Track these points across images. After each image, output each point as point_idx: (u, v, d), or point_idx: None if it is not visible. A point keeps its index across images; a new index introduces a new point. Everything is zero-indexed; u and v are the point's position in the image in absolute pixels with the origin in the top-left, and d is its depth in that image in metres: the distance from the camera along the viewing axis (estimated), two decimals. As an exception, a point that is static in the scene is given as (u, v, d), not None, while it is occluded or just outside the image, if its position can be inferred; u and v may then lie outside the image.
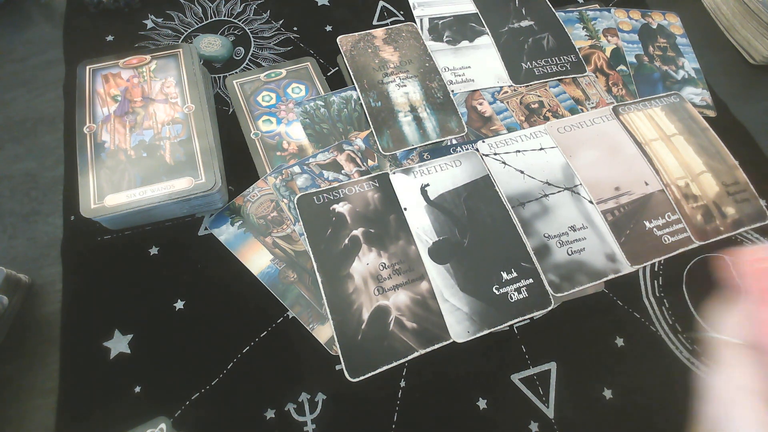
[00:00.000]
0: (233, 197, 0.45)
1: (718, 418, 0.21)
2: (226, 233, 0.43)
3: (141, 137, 0.43)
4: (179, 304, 0.41)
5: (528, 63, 0.54)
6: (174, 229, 0.44)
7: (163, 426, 0.35)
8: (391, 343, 0.38)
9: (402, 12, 0.58)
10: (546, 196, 0.45)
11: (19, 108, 0.50)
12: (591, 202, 0.45)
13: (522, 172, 0.46)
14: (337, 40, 0.53)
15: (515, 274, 0.41)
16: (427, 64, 0.52)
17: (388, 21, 0.57)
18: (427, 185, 0.45)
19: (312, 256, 0.41)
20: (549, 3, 0.59)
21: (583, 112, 0.51)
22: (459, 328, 0.39)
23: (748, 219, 0.46)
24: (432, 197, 0.44)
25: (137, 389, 0.37)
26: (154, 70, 0.47)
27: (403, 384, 0.39)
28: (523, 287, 0.41)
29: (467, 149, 0.48)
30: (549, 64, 0.54)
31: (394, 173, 0.46)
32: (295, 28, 0.56)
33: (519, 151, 0.48)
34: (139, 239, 0.43)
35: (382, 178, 0.45)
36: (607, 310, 0.42)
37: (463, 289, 0.40)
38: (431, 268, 0.41)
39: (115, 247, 0.43)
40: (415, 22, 0.56)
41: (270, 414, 0.37)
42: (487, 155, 0.47)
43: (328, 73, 0.53)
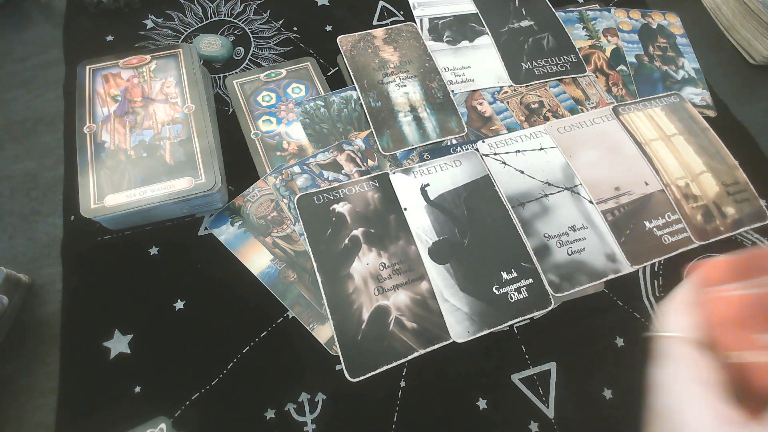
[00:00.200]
0: (233, 197, 0.45)
1: (671, 411, 0.21)
2: (226, 233, 0.43)
3: (141, 137, 0.43)
4: (179, 304, 0.41)
5: (528, 63, 0.54)
6: (174, 229, 0.44)
7: (163, 426, 0.35)
8: (391, 343, 0.38)
9: (402, 12, 0.58)
10: (546, 196, 0.45)
11: (19, 108, 0.50)
12: (591, 202, 0.45)
13: (522, 172, 0.46)
14: (337, 40, 0.53)
15: (515, 274, 0.41)
16: (427, 64, 0.52)
17: (388, 21, 0.57)
18: (427, 185, 0.45)
19: (312, 256, 0.41)
20: (549, 3, 0.59)
21: (583, 112, 0.51)
22: (459, 328, 0.39)
23: (748, 219, 0.46)
24: (432, 197, 0.44)
25: (137, 389, 0.37)
26: (154, 70, 0.47)
27: (403, 384, 0.39)
28: (523, 287, 0.41)
29: (467, 149, 0.48)
30: (549, 64, 0.54)
31: (394, 173, 0.46)
32: (295, 28, 0.56)
33: (519, 151, 0.48)
34: (139, 239, 0.43)
35: (382, 178, 0.45)
36: (607, 310, 0.42)
37: (463, 289, 0.40)
38: (431, 268, 0.41)
39: (115, 247, 0.43)
40: (415, 22, 0.56)
41: (270, 414, 0.37)
42: (487, 155, 0.47)
43: (328, 73, 0.53)
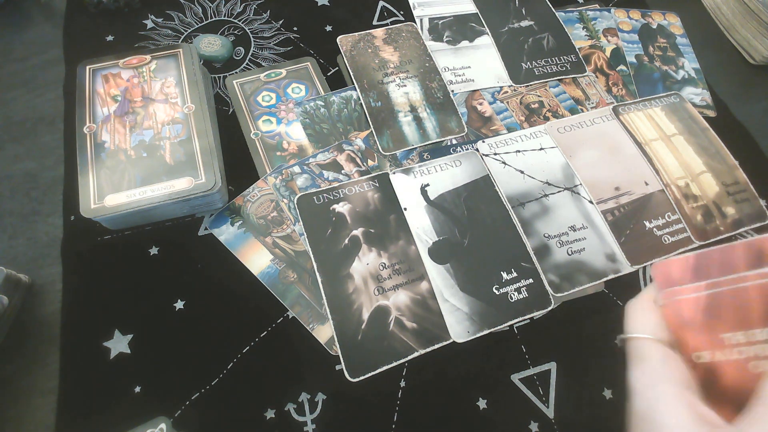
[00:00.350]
0: (233, 197, 0.45)
1: (648, 414, 0.21)
2: (226, 233, 0.43)
3: (141, 137, 0.43)
4: (179, 304, 0.41)
5: (528, 63, 0.54)
6: (174, 229, 0.44)
7: (163, 426, 0.35)
8: (391, 343, 0.38)
9: (402, 12, 0.58)
10: (546, 196, 0.45)
11: (19, 108, 0.50)
12: (591, 202, 0.45)
13: (522, 172, 0.46)
14: (337, 40, 0.53)
15: (515, 274, 0.41)
16: (427, 64, 0.52)
17: (388, 21, 0.57)
18: (427, 185, 0.45)
19: (312, 256, 0.41)
20: (549, 3, 0.59)
21: (583, 112, 0.51)
22: (459, 328, 0.39)
23: (748, 219, 0.46)
24: (432, 197, 0.44)
25: (137, 389, 0.37)
26: (154, 70, 0.47)
27: (403, 384, 0.39)
28: (523, 287, 0.41)
29: (467, 149, 0.48)
30: (549, 64, 0.54)
31: (394, 173, 0.46)
32: (295, 28, 0.56)
33: (519, 151, 0.48)
34: (139, 239, 0.43)
35: (382, 178, 0.45)
36: (607, 310, 0.42)
37: (463, 289, 0.40)
38: (431, 268, 0.41)
39: (115, 247, 0.43)
40: (415, 22, 0.56)
41: (270, 414, 0.37)
42: (487, 155, 0.47)
43: (328, 73, 0.53)
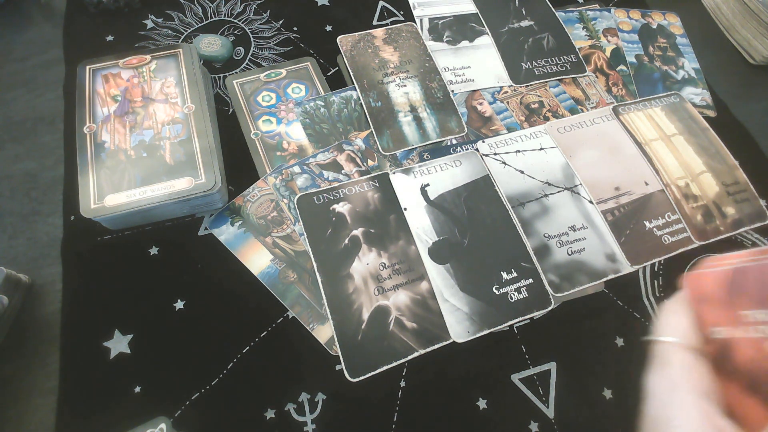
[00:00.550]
0: (233, 197, 0.45)
1: (663, 420, 0.21)
2: (226, 233, 0.43)
3: (141, 137, 0.43)
4: (179, 304, 0.41)
5: (528, 63, 0.54)
6: (174, 229, 0.44)
7: (163, 426, 0.35)
8: (391, 343, 0.38)
9: (402, 12, 0.58)
10: (546, 196, 0.45)
11: (19, 108, 0.50)
12: (591, 202, 0.45)
13: (522, 172, 0.46)
14: (337, 40, 0.53)
15: (515, 274, 0.41)
16: (427, 64, 0.52)
17: (388, 21, 0.57)
18: (427, 185, 0.45)
19: (312, 256, 0.41)
20: (549, 3, 0.59)
21: (583, 112, 0.51)
22: (459, 328, 0.39)
23: (748, 219, 0.46)
24: (432, 197, 0.44)
25: (137, 389, 0.37)
26: (154, 70, 0.47)
27: (403, 384, 0.39)
28: (523, 287, 0.41)
29: (467, 149, 0.48)
30: (549, 64, 0.54)
31: (394, 173, 0.46)
32: (295, 28, 0.56)
33: (519, 151, 0.48)
34: (139, 239, 0.43)
35: (382, 178, 0.45)
36: (607, 310, 0.42)
37: (463, 289, 0.40)
38: (431, 268, 0.41)
39: (115, 247, 0.43)
40: (415, 22, 0.56)
41: (270, 414, 0.37)
42: (487, 155, 0.47)
43: (328, 73, 0.53)
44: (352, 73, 0.51)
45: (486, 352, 0.40)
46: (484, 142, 0.48)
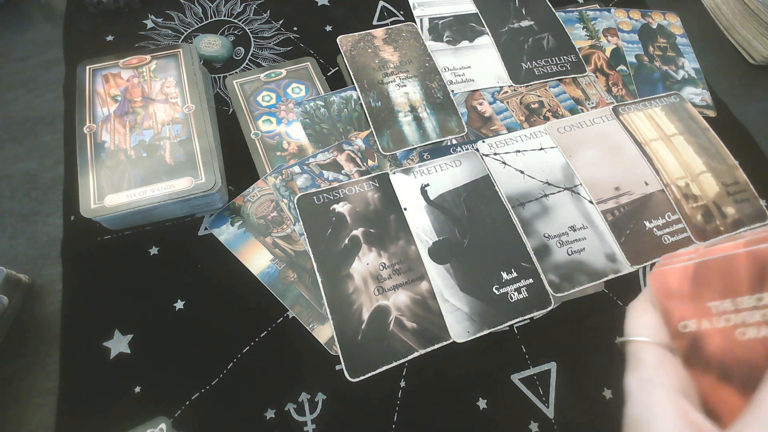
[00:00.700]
0: (233, 197, 0.45)
1: (641, 420, 0.21)
2: (226, 233, 0.43)
3: (141, 137, 0.43)
4: (179, 304, 0.41)
5: (528, 63, 0.54)
6: (174, 229, 0.44)
7: (163, 426, 0.35)
8: (391, 343, 0.38)
9: (402, 12, 0.58)
10: (546, 196, 0.45)
11: (19, 108, 0.50)
12: (591, 202, 0.45)
13: (522, 172, 0.46)
14: (337, 40, 0.53)
15: (515, 274, 0.41)
16: (427, 64, 0.52)
17: (388, 21, 0.57)
18: (427, 185, 0.45)
19: (312, 256, 0.41)
20: (549, 3, 0.59)
21: (583, 112, 0.51)
22: (459, 328, 0.39)
23: (748, 219, 0.46)
24: (432, 197, 0.44)
25: (137, 389, 0.37)
26: (154, 70, 0.47)
27: (403, 384, 0.39)
28: (523, 287, 0.41)
29: (467, 149, 0.48)
30: (549, 64, 0.54)
31: (394, 173, 0.46)
32: (295, 28, 0.56)
33: (519, 151, 0.48)
34: (139, 239, 0.43)
35: (382, 178, 0.45)
36: (607, 310, 0.42)
37: (463, 289, 0.40)
38: (431, 268, 0.41)
39: (115, 247, 0.43)
40: (415, 22, 0.56)
41: (270, 414, 0.37)
42: (487, 155, 0.47)
43: (328, 73, 0.53)
44: (352, 73, 0.51)
45: (486, 352, 0.40)
46: (484, 142, 0.48)
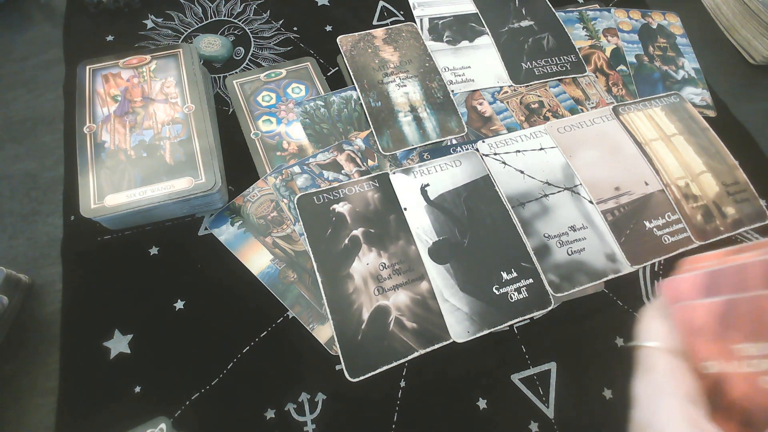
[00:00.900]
0: (233, 197, 0.45)
1: (650, 425, 0.21)
2: (226, 233, 0.43)
3: (141, 137, 0.43)
4: (179, 304, 0.41)
5: (528, 63, 0.54)
6: (174, 229, 0.44)
7: (163, 426, 0.35)
8: (391, 343, 0.38)
9: (402, 12, 0.58)
10: (546, 196, 0.45)
11: (19, 108, 0.50)
12: (591, 202, 0.45)
13: (522, 172, 0.46)
14: (337, 40, 0.53)
15: (515, 274, 0.41)
16: (427, 64, 0.52)
17: (388, 21, 0.57)
18: (427, 185, 0.45)
19: (312, 256, 0.41)
20: (549, 3, 0.59)
21: (583, 112, 0.51)
22: (459, 328, 0.39)
23: (748, 219, 0.46)
24: (432, 197, 0.44)
25: (137, 389, 0.37)
26: (154, 70, 0.47)
27: (403, 384, 0.39)
28: (523, 287, 0.41)
29: (467, 149, 0.48)
30: (549, 64, 0.54)
31: (394, 173, 0.46)
32: (295, 28, 0.56)
33: (519, 151, 0.48)
34: (139, 239, 0.43)
35: (382, 178, 0.45)
36: (607, 310, 0.42)
37: (463, 289, 0.40)
38: (431, 268, 0.41)
39: (115, 247, 0.43)
40: (415, 22, 0.56)
41: (270, 414, 0.37)
42: (487, 155, 0.47)
43: (328, 73, 0.53)
44: (352, 73, 0.51)
45: (486, 352, 0.40)
46: (484, 142, 0.48)
